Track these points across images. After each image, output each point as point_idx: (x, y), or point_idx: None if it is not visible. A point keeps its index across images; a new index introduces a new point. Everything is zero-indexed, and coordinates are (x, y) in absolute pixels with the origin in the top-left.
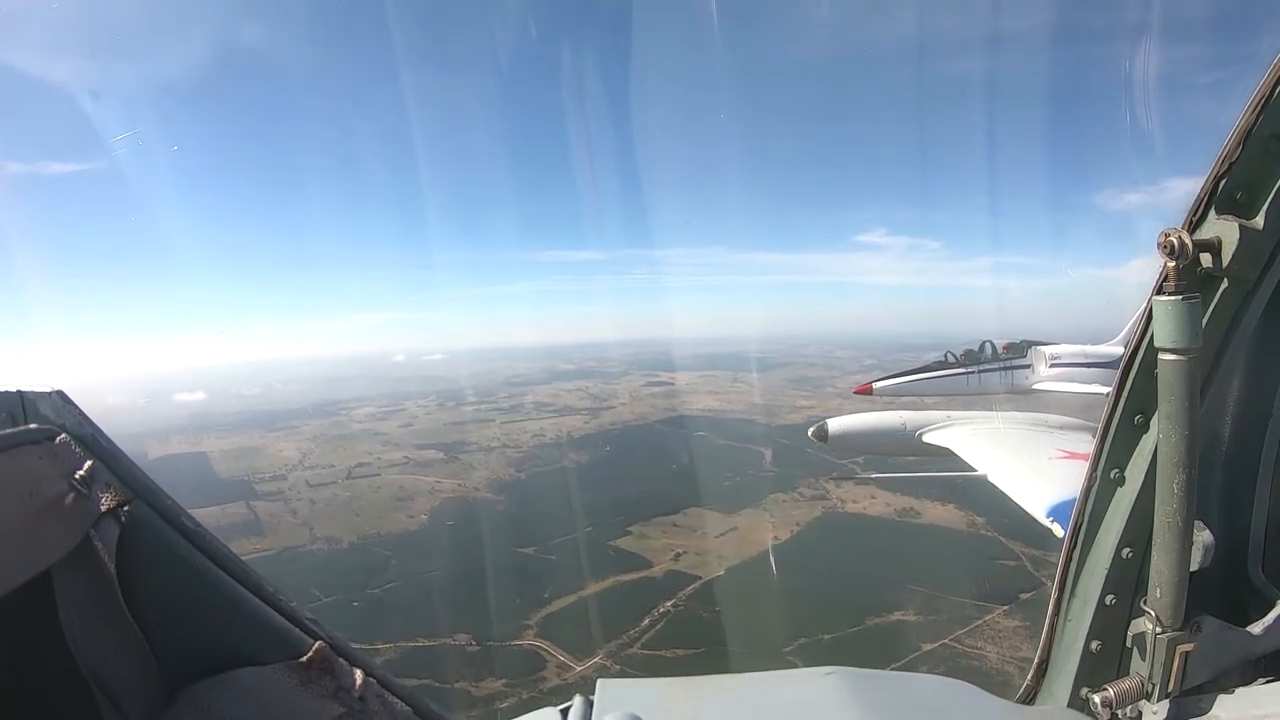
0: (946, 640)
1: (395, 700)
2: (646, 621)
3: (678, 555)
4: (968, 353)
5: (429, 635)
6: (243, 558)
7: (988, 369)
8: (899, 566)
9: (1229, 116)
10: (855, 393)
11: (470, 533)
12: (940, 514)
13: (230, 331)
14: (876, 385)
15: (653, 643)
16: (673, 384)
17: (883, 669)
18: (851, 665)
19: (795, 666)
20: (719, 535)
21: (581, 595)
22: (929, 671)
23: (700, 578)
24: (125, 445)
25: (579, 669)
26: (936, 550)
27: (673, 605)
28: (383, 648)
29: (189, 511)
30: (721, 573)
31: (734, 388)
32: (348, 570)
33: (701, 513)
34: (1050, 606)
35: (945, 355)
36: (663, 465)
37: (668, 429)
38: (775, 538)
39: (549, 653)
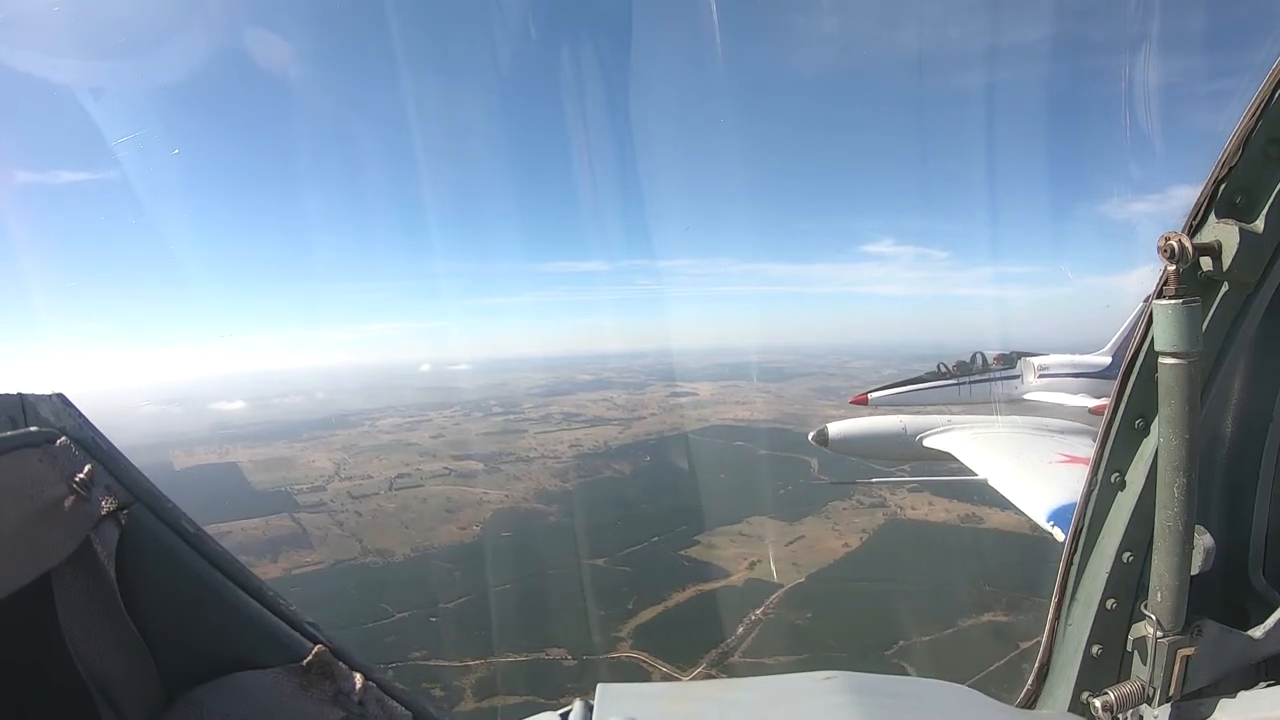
0: (1040, 638)
1: (395, 705)
2: (741, 629)
3: (753, 564)
4: (960, 364)
5: (520, 650)
6: (295, 572)
7: (978, 380)
8: (975, 570)
9: (1231, 122)
10: (852, 403)
11: (530, 544)
12: (1003, 519)
13: (227, 337)
14: (872, 395)
15: (753, 650)
16: (696, 394)
17: (983, 674)
18: (954, 664)
19: (899, 671)
20: (788, 544)
21: (667, 605)
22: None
23: (782, 585)
24: (152, 455)
25: (685, 680)
26: (1007, 554)
27: (763, 613)
28: (474, 664)
29: (190, 516)
30: (803, 580)
31: (759, 398)
32: (412, 584)
33: (764, 521)
34: (1051, 610)
35: (939, 366)
36: (710, 475)
37: (704, 439)
38: (845, 545)
39: (650, 664)
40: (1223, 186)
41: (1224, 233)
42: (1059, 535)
